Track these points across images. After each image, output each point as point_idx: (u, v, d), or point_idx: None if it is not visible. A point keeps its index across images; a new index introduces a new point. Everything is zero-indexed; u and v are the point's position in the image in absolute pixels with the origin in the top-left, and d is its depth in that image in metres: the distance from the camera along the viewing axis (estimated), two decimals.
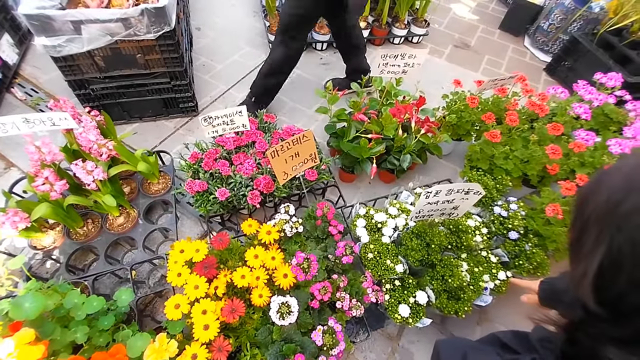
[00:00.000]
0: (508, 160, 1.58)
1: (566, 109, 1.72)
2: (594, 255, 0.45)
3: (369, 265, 1.27)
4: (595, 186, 0.49)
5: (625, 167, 0.47)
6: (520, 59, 2.90)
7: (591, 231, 0.47)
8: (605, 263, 0.45)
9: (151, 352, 0.93)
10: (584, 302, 0.49)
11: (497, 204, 1.46)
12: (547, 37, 2.83)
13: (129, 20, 1.41)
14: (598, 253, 0.45)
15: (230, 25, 2.69)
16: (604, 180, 0.48)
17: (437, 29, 3.06)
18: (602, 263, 0.45)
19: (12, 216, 1.06)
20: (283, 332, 1.11)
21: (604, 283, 0.46)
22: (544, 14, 2.85)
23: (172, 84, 1.75)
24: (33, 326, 0.86)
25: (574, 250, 0.51)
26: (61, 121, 1.15)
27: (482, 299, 1.29)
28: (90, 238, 1.32)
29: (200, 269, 1.11)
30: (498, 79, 1.63)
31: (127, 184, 1.49)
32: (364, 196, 1.79)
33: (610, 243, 0.44)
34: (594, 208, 0.47)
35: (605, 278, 0.45)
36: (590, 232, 0.47)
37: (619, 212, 0.44)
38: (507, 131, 1.65)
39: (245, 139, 1.52)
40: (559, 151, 1.45)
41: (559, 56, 2.65)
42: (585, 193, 0.51)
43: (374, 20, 2.66)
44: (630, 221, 0.42)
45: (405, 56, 1.47)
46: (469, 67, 2.73)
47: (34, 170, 1.16)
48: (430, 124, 1.57)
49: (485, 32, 3.13)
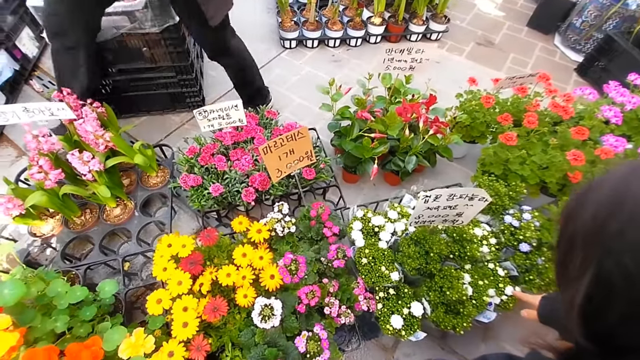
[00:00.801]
0: (524, 165, 1.45)
1: (594, 112, 1.56)
2: (581, 283, 0.38)
3: (362, 270, 1.20)
4: (580, 200, 0.42)
5: (613, 177, 0.39)
6: (549, 58, 2.70)
7: (576, 253, 0.40)
8: (594, 292, 0.37)
9: (127, 346, 0.91)
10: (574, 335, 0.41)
11: (508, 213, 1.34)
12: (579, 35, 2.61)
13: (134, 14, 1.42)
14: (585, 280, 0.38)
15: (243, 21, 2.66)
16: (590, 193, 0.41)
17: (458, 25, 2.91)
18: (590, 292, 0.38)
19: (6, 203, 1.08)
20: (267, 335, 1.07)
21: (592, 315, 0.39)
22: (576, 10, 2.64)
23: (177, 78, 1.76)
24: (12, 313, 0.87)
25: (560, 274, 0.44)
26: (59, 111, 1.16)
27: (485, 314, 1.19)
28: (87, 228, 1.34)
29: (186, 264, 1.09)
30: (517, 77, 1.51)
31: (127, 176, 1.50)
32: (366, 198, 1.72)
33: (598, 269, 0.36)
34: (579, 226, 0.40)
35: (593, 310, 0.38)
36: (576, 254, 0.40)
37: (607, 232, 0.36)
38: (525, 134, 1.52)
39: (244, 134, 1.49)
40: (582, 157, 1.31)
41: (592, 56, 2.44)
42: (571, 207, 0.43)
43: (390, 16, 2.57)
44: (620, 243, 0.34)
45: (412, 51, 1.39)
46: (492, 66, 2.57)
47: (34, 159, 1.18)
48: (439, 124, 1.47)
49: (512, 30, 2.94)
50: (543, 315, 0.91)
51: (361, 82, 1.64)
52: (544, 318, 0.91)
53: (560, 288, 0.45)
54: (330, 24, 2.44)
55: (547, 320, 0.90)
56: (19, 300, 0.86)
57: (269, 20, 2.71)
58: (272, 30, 2.62)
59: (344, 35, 2.45)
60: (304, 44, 2.48)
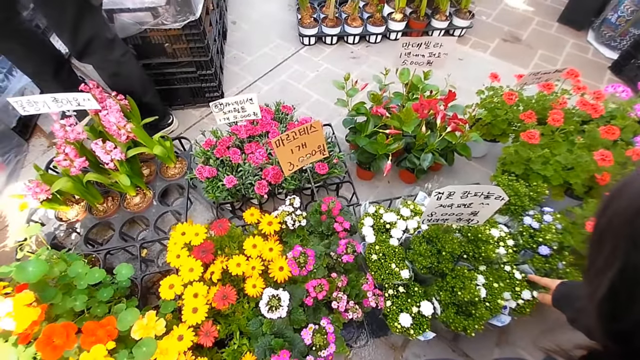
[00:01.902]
0: (547, 165, 1.39)
1: (627, 111, 1.47)
2: (605, 275, 0.37)
3: (372, 267, 1.19)
4: (616, 192, 0.40)
5: None
6: (581, 55, 2.56)
7: (606, 244, 0.39)
8: (617, 286, 0.36)
9: (139, 327, 0.94)
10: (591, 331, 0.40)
11: (528, 214, 1.29)
12: (614, 31, 2.46)
13: (157, 10, 1.47)
14: (609, 272, 0.37)
15: (264, 18, 2.72)
16: (629, 184, 0.39)
17: (484, 21, 2.81)
18: (613, 285, 0.36)
19: (34, 187, 1.15)
20: (274, 326, 1.08)
21: (614, 311, 0.38)
22: (612, 4, 2.48)
23: (198, 73, 1.81)
24: (35, 290, 0.92)
25: (587, 266, 0.42)
26: (85, 102, 1.22)
27: (499, 318, 1.14)
28: (108, 215, 1.40)
29: (198, 252, 1.12)
30: (542, 72, 1.44)
31: (147, 167, 1.56)
32: (380, 195, 1.70)
33: (625, 261, 0.35)
34: (612, 216, 0.39)
35: (615, 305, 0.37)
36: (605, 245, 0.39)
37: (637, 225, 0.35)
38: (549, 132, 1.45)
39: (260, 128, 1.51)
40: (610, 157, 1.23)
41: (629, 52, 2.29)
42: (606, 199, 0.42)
43: (411, 12, 2.52)
44: None
45: (430, 45, 1.35)
46: (518, 63, 2.47)
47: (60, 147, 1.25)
48: (457, 121, 1.43)
49: (541, 25, 2.81)
50: (557, 299, 0.91)
51: (377, 77, 1.61)
52: (557, 302, 0.91)
53: (585, 282, 0.44)
54: (350, 20, 2.42)
55: (559, 303, 0.90)
56: (42, 278, 0.91)
57: (289, 17, 2.73)
58: (292, 27, 2.63)
59: (363, 31, 2.43)
60: (323, 40, 2.48)
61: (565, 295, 0.91)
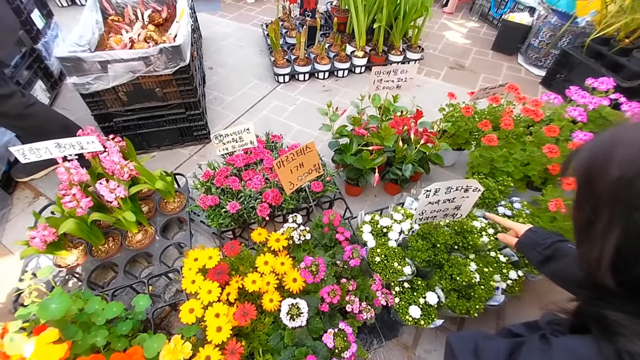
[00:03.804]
0: (508, 163, 1.62)
1: (562, 113, 1.77)
2: (608, 238, 0.43)
3: (376, 269, 1.29)
4: (603, 160, 0.45)
5: (635, 137, 0.43)
6: (516, 75, 3.02)
7: (603, 212, 0.44)
8: (622, 246, 0.42)
9: (167, 352, 0.95)
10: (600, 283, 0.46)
11: (500, 205, 1.48)
12: (538, 53, 2.95)
13: (149, 59, 1.59)
14: (612, 235, 0.42)
15: (239, 63, 2.94)
16: (614, 155, 0.44)
17: (432, 53, 3.24)
18: (619, 246, 0.42)
19: (42, 230, 1.15)
20: (294, 337, 1.12)
21: (622, 266, 0.43)
22: (533, 32, 3.01)
23: (187, 113, 1.91)
24: (57, 328, 0.92)
25: (583, 231, 0.48)
26: (89, 144, 1.28)
27: (494, 298, 1.27)
28: (110, 254, 1.40)
29: (213, 274, 1.16)
30: (489, 87, 1.72)
31: (145, 204, 1.59)
32: (369, 209, 1.83)
33: (625, 224, 0.41)
34: (605, 187, 0.43)
35: (623, 261, 0.42)
36: (602, 212, 0.44)
37: (635, 190, 0.40)
38: (504, 136, 1.70)
39: (254, 157, 1.62)
40: (556, 150, 1.49)
41: (553, 69, 2.75)
42: (592, 164, 0.47)
43: (370, 49, 2.87)
44: None
45: (398, 71, 1.59)
46: (466, 86, 2.85)
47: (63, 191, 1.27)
48: (429, 134, 1.64)
49: (479, 54, 3.29)
50: (523, 243, 1.00)
51: (355, 103, 1.82)
52: (523, 245, 1.00)
53: (581, 246, 0.49)
54: (319, 59, 2.70)
55: (524, 247, 1.00)
56: (65, 313, 0.91)
57: (263, 60, 2.98)
58: (266, 68, 2.87)
59: (331, 68, 2.71)
60: (296, 77, 2.72)
61: (534, 241, 0.97)
